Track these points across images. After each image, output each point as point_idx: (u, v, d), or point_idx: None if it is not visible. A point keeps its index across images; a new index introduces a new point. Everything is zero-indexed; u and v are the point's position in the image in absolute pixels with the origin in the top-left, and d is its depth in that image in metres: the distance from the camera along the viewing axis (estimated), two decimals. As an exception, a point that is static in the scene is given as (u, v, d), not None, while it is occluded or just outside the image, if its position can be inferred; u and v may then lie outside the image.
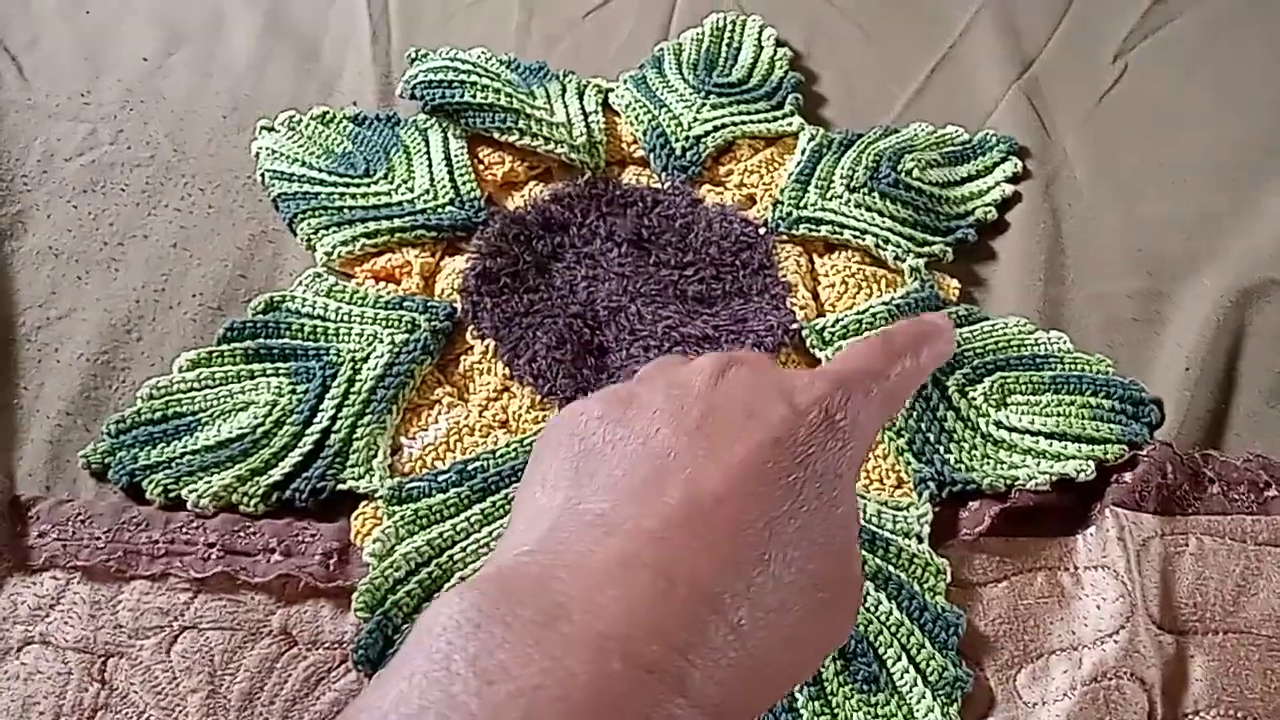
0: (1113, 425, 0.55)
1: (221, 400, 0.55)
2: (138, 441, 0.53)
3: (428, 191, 0.63)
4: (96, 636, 0.48)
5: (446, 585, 0.48)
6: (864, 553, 0.50)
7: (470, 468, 0.52)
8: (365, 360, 0.55)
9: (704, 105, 0.68)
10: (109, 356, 0.57)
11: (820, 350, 0.57)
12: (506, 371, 0.55)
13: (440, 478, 0.52)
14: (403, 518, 0.50)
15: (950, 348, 0.32)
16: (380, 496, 0.51)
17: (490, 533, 0.50)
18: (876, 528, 0.51)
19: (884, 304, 0.58)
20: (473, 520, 0.51)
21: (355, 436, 0.53)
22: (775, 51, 0.72)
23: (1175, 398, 0.56)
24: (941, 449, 0.54)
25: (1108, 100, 0.71)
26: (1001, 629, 0.50)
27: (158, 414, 0.54)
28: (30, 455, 0.53)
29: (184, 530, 0.50)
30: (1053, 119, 0.70)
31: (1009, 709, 0.48)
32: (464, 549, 0.49)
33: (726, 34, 0.74)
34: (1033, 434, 0.55)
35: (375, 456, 0.52)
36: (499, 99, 0.65)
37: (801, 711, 0.47)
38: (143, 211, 0.63)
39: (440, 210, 0.62)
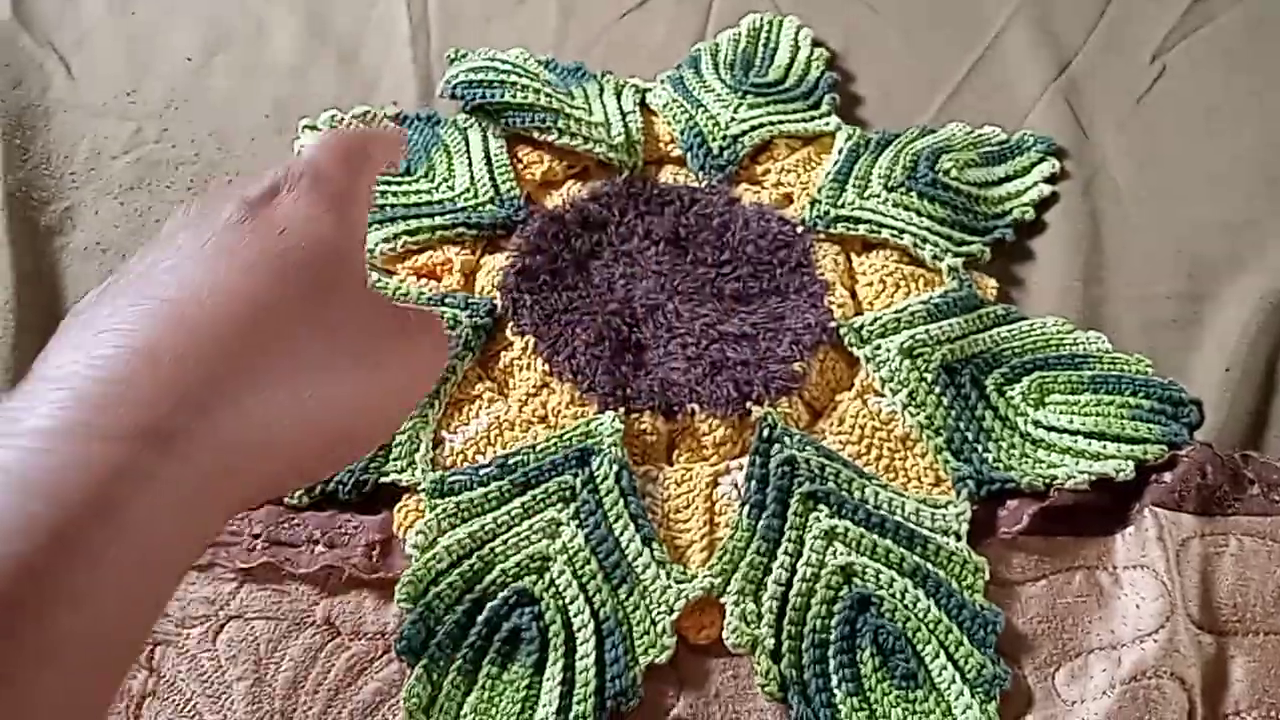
0: (1152, 425, 0.54)
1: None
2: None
3: (468, 190, 0.63)
4: (145, 624, 0.48)
5: (489, 578, 0.49)
6: (902, 549, 0.50)
7: (511, 462, 0.53)
8: (407, 355, 0.56)
9: (741, 105, 0.69)
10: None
11: (859, 348, 0.57)
12: (546, 368, 0.56)
13: (481, 471, 0.52)
14: (444, 510, 0.51)
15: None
16: (422, 489, 0.51)
17: (531, 526, 0.51)
18: (915, 525, 0.51)
19: (922, 303, 0.58)
20: (513, 514, 0.51)
21: (398, 430, 0.53)
22: (812, 51, 0.73)
23: (1215, 399, 0.56)
24: (980, 448, 0.54)
25: (1146, 101, 0.71)
26: (1040, 627, 0.50)
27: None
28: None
29: (230, 522, 0.51)
30: (1091, 120, 0.70)
31: (1047, 707, 0.48)
32: (505, 541, 0.50)
33: (763, 34, 0.74)
34: (1071, 433, 0.54)
35: (417, 450, 0.53)
36: (538, 99, 0.65)
37: (840, 707, 0.47)
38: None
39: (480, 208, 0.62)
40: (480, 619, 0.48)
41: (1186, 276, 0.62)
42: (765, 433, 0.53)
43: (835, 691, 0.47)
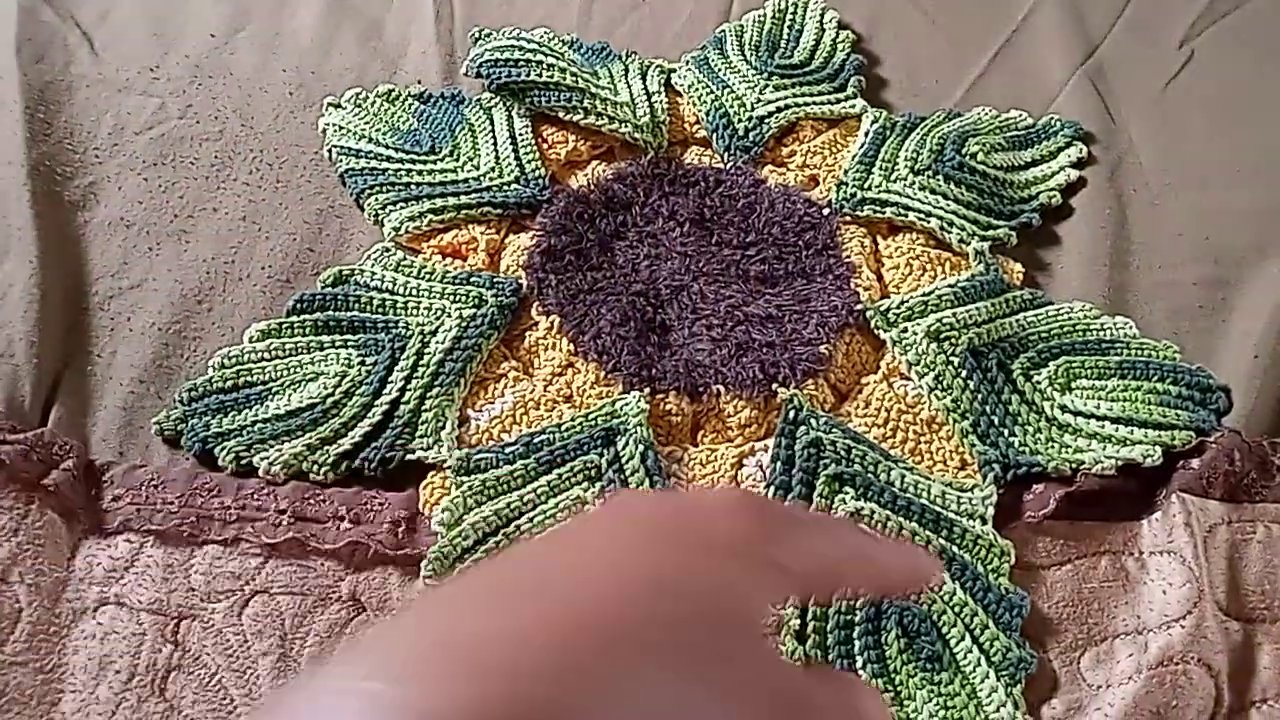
0: (1180, 411, 0.54)
1: (292, 370, 0.55)
2: (210, 409, 0.54)
3: (493, 169, 0.63)
4: (170, 599, 0.49)
5: None
6: (928, 533, 0.50)
7: (536, 440, 0.53)
8: (433, 334, 0.56)
9: (766, 86, 0.68)
10: (180, 326, 0.58)
11: (885, 331, 0.56)
12: (571, 347, 0.56)
13: (507, 449, 0.52)
14: (470, 488, 0.51)
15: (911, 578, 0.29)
16: (448, 467, 0.51)
17: (557, 504, 0.51)
18: (941, 509, 0.51)
19: (949, 286, 0.58)
20: (539, 492, 0.51)
21: (424, 408, 0.53)
22: (837, 34, 0.72)
23: (1243, 385, 0.56)
24: (1006, 432, 0.54)
25: (1174, 86, 0.70)
26: (1065, 611, 0.50)
27: (229, 383, 0.55)
28: (104, 421, 0.54)
29: (255, 497, 0.51)
30: (1118, 104, 0.69)
31: (1072, 691, 0.48)
32: (531, 520, 0.50)
33: (788, 16, 0.73)
34: (1099, 418, 0.54)
35: (443, 428, 0.53)
36: (563, 78, 0.65)
37: (865, 688, 0.47)
38: (211, 185, 0.64)
39: (505, 188, 0.62)
40: None
41: (1214, 262, 0.61)
42: (791, 414, 0.53)
43: (860, 673, 0.47)
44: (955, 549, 0.50)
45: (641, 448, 0.52)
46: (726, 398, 0.54)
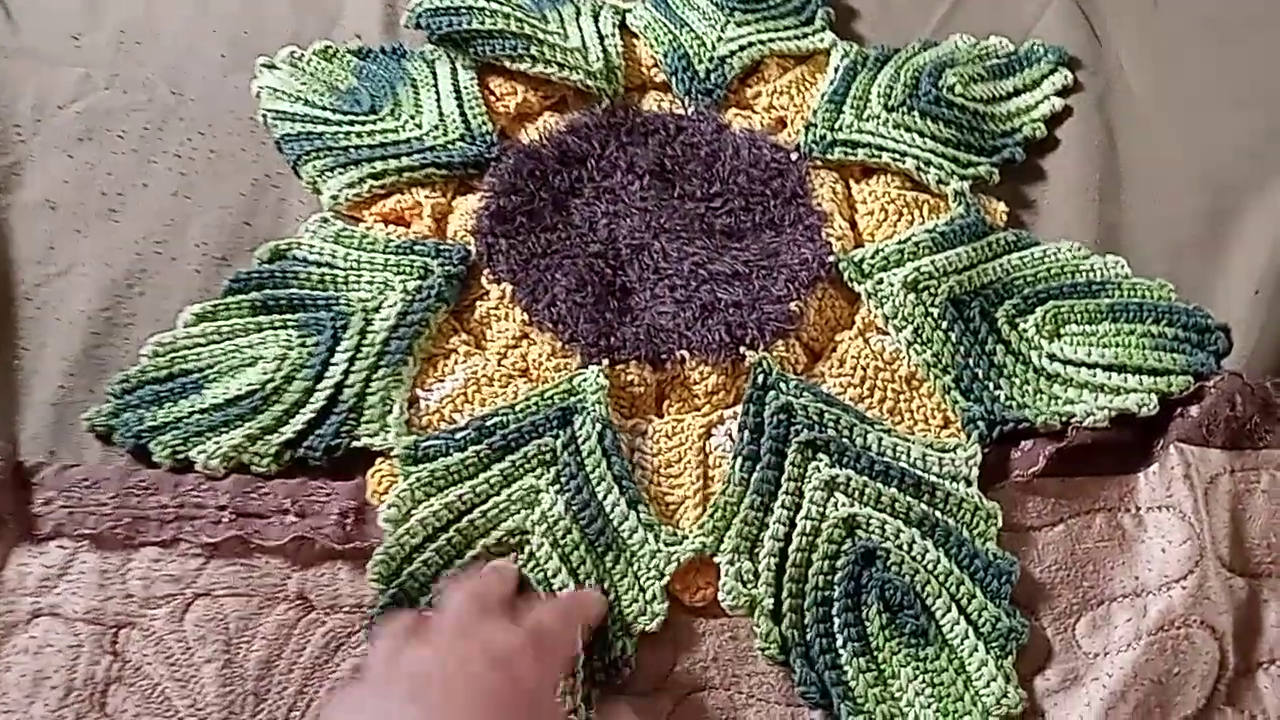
0: (1176, 355, 0.51)
1: (229, 355, 0.52)
2: (143, 401, 0.51)
3: (437, 127, 0.59)
4: (107, 607, 0.46)
5: (469, 552, 0.46)
6: (909, 498, 0.47)
7: (489, 424, 0.49)
8: (377, 310, 0.52)
9: (728, 23, 0.64)
10: (111, 313, 0.54)
11: (860, 284, 0.53)
12: (525, 317, 0.52)
13: (458, 435, 0.49)
14: (419, 479, 0.48)
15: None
16: (396, 456, 0.48)
17: (510, 495, 0.47)
18: (922, 471, 0.48)
19: (927, 232, 0.54)
20: (492, 481, 0.48)
21: (370, 391, 0.50)
22: (803, -37, 0.67)
23: (1243, 324, 0.52)
24: (991, 385, 0.51)
25: (1166, 5, 0.66)
26: (1058, 575, 0.47)
27: (163, 372, 0.52)
28: (33, 418, 0.51)
29: (194, 493, 0.48)
30: (1105, 27, 0.65)
31: (1068, 660, 0.45)
32: (484, 513, 0.47)
33: (750, -54, 0.69)
34: (1089, 366, 0.51)
35: (391, 411, 0.50)
36: (509, 25, 0.61)
37: (846, 668, 0.44)
38: (141, 159, 0.60)
39: (450, 147, 0.58)
40: None
41: (1211, 193, 0.58)
42: (759, 379, 0.50)
43: (840, 652, 0.45)
44: (939, 514, 0.47)
45: (599, 427, 0.49)
46: (691, 364, 0.51)
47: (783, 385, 0.50)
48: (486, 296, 0.53)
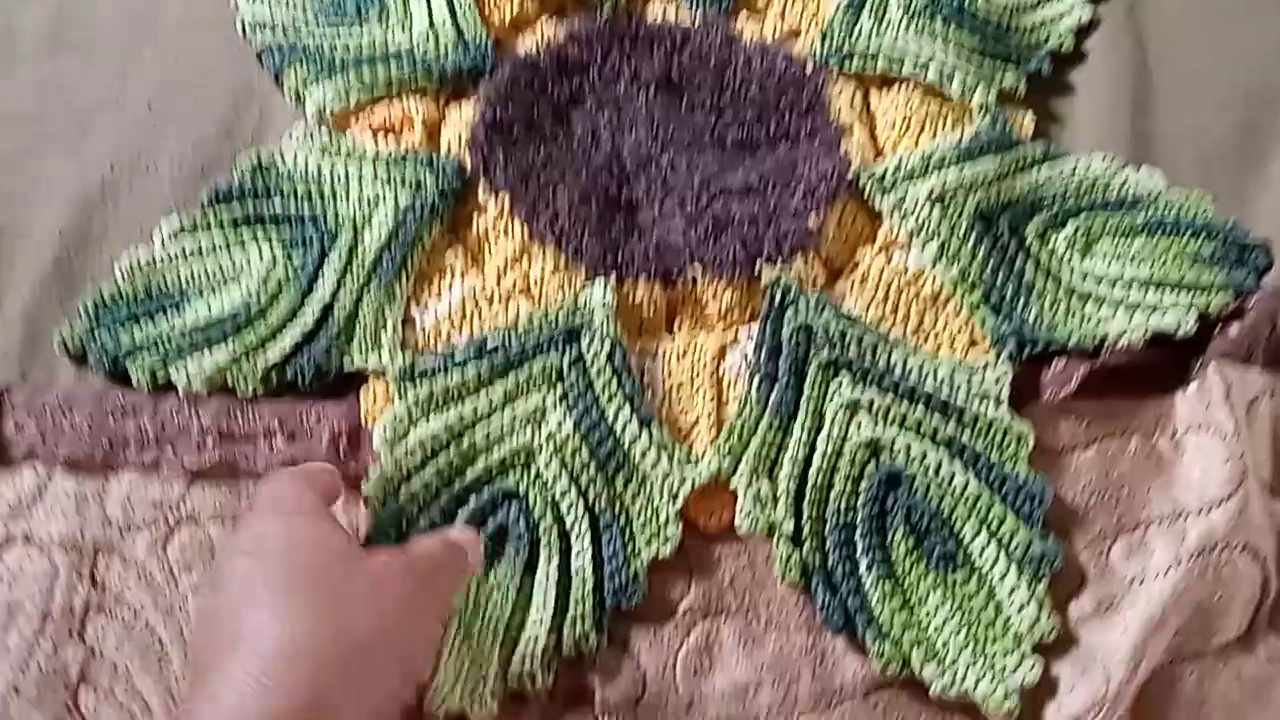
0: (1215, 271, 0.48)
1: (210, 273, 0.49)
2: (119, 321, 0.48)
3: (427, 35, 0.55)
4: (85, 533, 0.43)
5: (468, 474, 0.43)
6: (935, 420, 0.45)
7: (490, 344, 0.46)
8: (367, 224, 0.49)
9: (737, -72, 0.60)
10: (83, 229, 0.51)
11: (881, 198, 0.50)
12: (525, 232, 0.49)
13: (456, 354, 0.46)
14: (415, 399, 0.45)
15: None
16: (390, 376, 0.45)
17: (513, 413, 0.45)
18: (949, 392, 0.45)
19: (951, 144, 0.51)
20: (493, 400, 0.45)
21: (360, 308, 0.47)
22: None
23: (1284, 239, 0.50)
24: (1020, 303, 0.48)
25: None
26: (1092, 499, 0.45)
27: (140, 290, 0.49)
28: (2, 339, 0.48)
29: (175, 415, 0.45)
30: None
31: (1103, 585, 0.43)
32: (485, 433, 0.44)
33: None
34: (1124, 284, 0.48)
35: (384, 330, 0.47)
36: (504, -74, 0.57)
37: (869, 593, 0.42)
38: (114, 69, 0.56)
39: (443, 55, 0.54)
40: (461, 518, 0.43)
41: (1247, 105, 0.55)
42: (777, 297, 0.47)
43: (864, 576, 0.42)
44: (967, 436, 0.45)
45: (608, 345, 0.46)
46: (704, 281, 0.48)
47: (801, 303, 0.47)
48: (483, 211, 0.50)
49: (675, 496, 0.43)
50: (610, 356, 0.45)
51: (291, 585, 0.33)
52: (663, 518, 0.43)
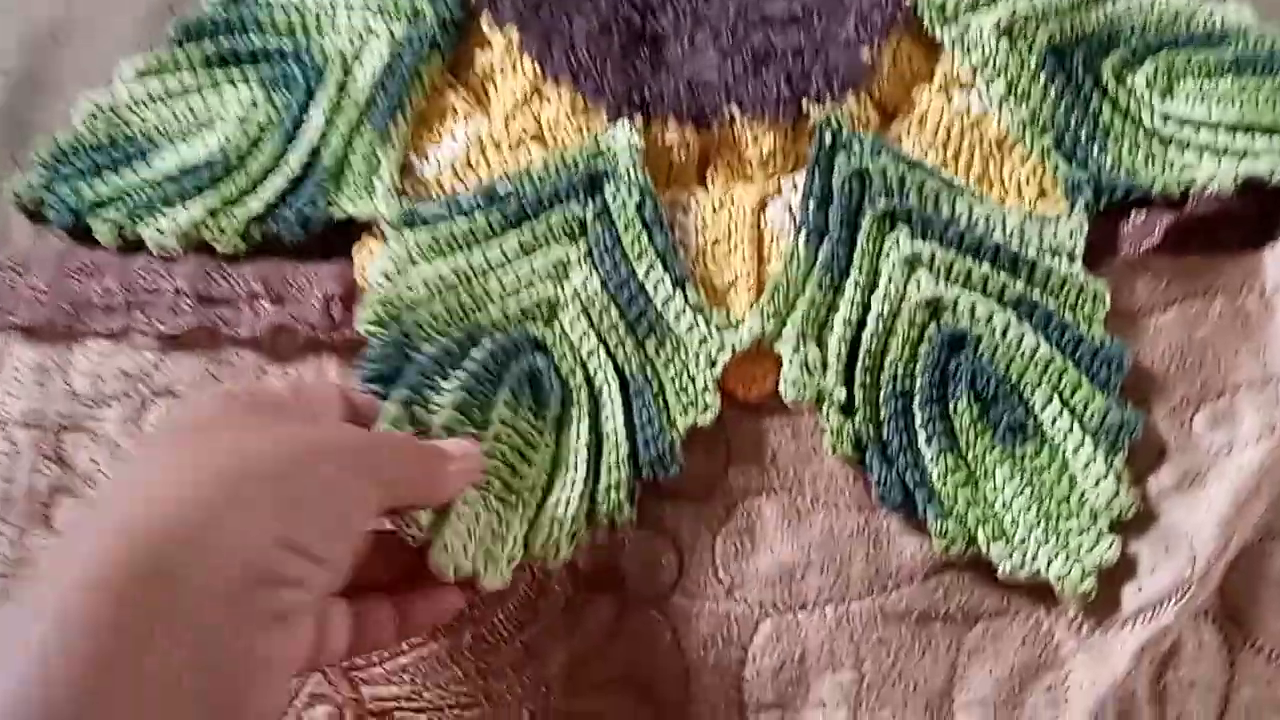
0: (1313, 112, 0.43)
1: (180, 117, 0.43)
2: (79, 172, 0.42)
3: None
4: (48, 409, 0.38)
5: (484, 313, 0.38)
6: (1003, 276, 0.40)
7: (501, 191, 0.41)
8: (358, 59, 0.43)
9: None
10: (35, 71, 0.45)
11: (942, 29, 0.44)
12: (537, 69, 0.43)
13: (462, 202, 0.41)
14: (419, 241, 0.40)
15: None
16: (388, 221, 0.40)
17: (531, 265, 0.40)
18: (1019, 246, 0.40)
19: (1019, -30, 0.45)
20: (508, 250, 0.40)
21: (352, 152, 0.42)
22: None
23: (1391, 76, 0.44)
24: (1096, 148, 0.43)
25: None
26: (1172, 364, 0.40)
27: (102, 138, 0.43)
28: (-52, 193, 0.42)
29: (145, 276, 0.40)
30: None
31: (1187, 457, 0.39)
32: (500, 279, 0.39)
33: None
34: (1210, 127, 0.43)
35: (378, 177, 0.41)
36: None
37: (930, 468, 0.38)
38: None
39: None
40: (481, 352, 0.37)
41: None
42: (827, 140, 0.41)
43: (923, 449, 0.38)
44: (1038, 294, 0.40)
45: (637, 195, 0.40)
46: (743, 123, 0.42)
47: (855, 146, 0.41)
48: (488, 46, 0.44)
49: (714, 361, 0.38)
50: (640, 208, 0.40)
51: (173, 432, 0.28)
52: (700, 385, 0.38)
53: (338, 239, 0.41)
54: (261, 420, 0.28)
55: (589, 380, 0.38)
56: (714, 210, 0.42)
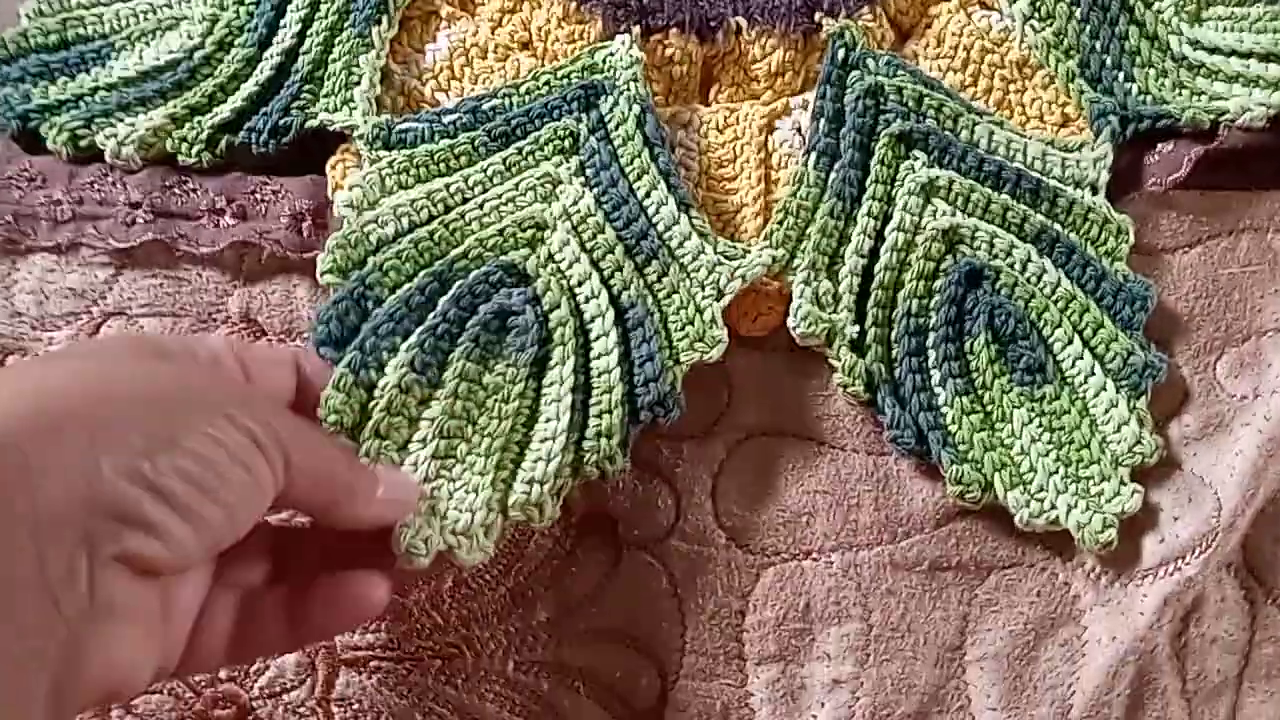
0: (1350, 43, 0.40)
1: (142, 15, 0.40)
2: (28, 74, 0.39)
3: None
4: (-10, 328, 0.35)
5: (458, 250, 0.35)
6: (1024, 207, 0.37)
7: (486, 106, 0.38)
8: (334, -45, 0.40)
9: None
10: (-25, -39, 0.41)
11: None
12: (527, -30, 0.40)
13: (445, 119, 0.38)
14: (393, 165, 0.36)
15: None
16: (361, 136, 0.37)
17: (518, 185, 0.36)
18: (1041, 174, 0.38)
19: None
20: (491, 173, 0.37)
21: (330, 57, 0.38)
22: None
23: None
24: (1122, 74, 0.40)
25: None
26: (1196, 305, 0.38)
27: (53, 37, 0.40)
28: (-123, 93, 0.39)
29: (96, 187, 0.37)
30: None
31: (1209, 403, 0.37)
32: (479, 206, 0.36)
33: None
34: (1241, 55, 0.40)
35: (358, 83, 0.38)
36: None
37: (944, 410, 0.35)
38: None
39: None
40: (445, 299, 0.34)
41: None
42: (840, 54, 0.39)
43: (938, 390, 0.35)
44: (1059, 227, 0.37)
45: (637, 108, 0.37)
46: (750, 35, 0.39)
47: (870, 62, 0.38)
48: (475, -55, 0.41)
49: (720, 292, 0.35)
50: (640, 122, 0.37)
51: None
52: (707, 317, 0.35)
53: (311, 150, 0.38)
54: (166, 362, 0.26)
55: (577, 312, 0.35)
56: (718, 129, 0.39)
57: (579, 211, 0.36)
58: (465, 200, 0.36)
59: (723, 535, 0.34)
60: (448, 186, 0.36)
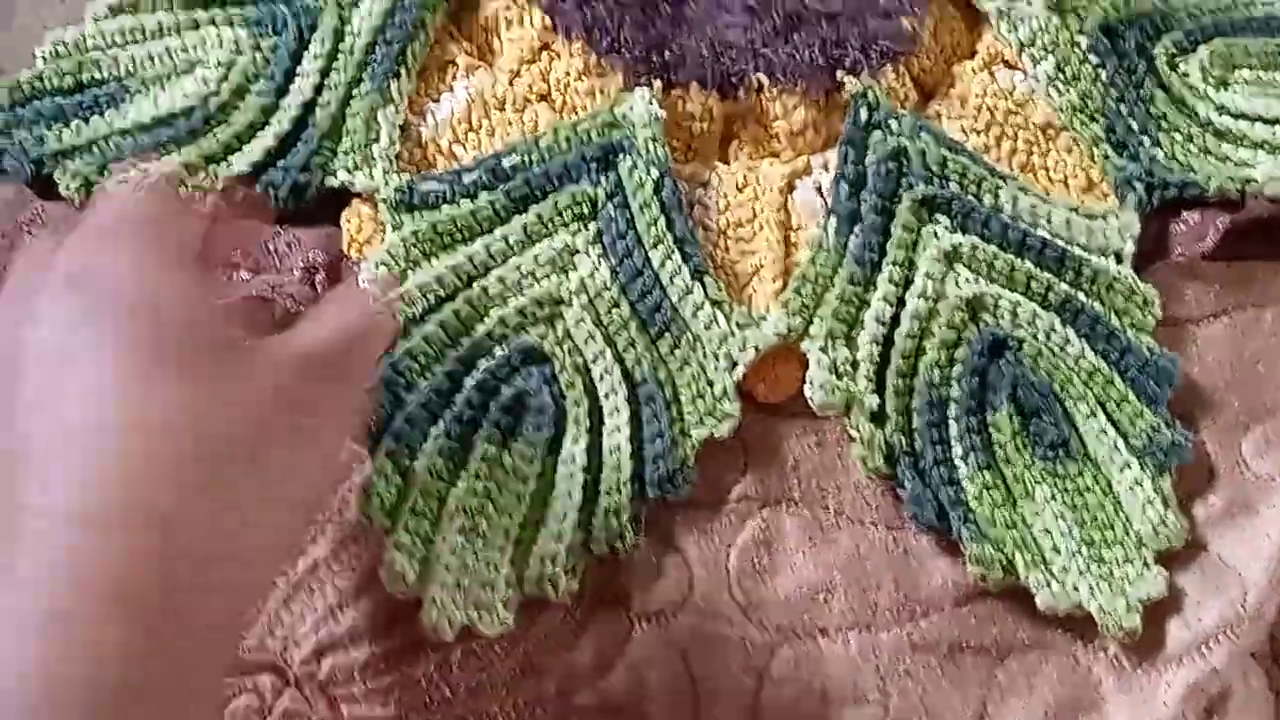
0: (1377, 112, 0.40)
1: (157, 60, 0.39)
2: (42, 117, 0.39)
3: None
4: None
5: (481, 328, 0.35)
6: (1048, 276, 0.37)
7: (506, 164, 0.38)
8: (355, 4, 0.39)
9: None
10: (-8, 3, 0.41)
11: (987, 0, 0.41)
12: (546, 21, 0.39)
13: (465, 178, 0.37)
14: (416, 232, 0.36)
15: None
16: (383, 200, 0.36)
17: (536, 256, 0.36)
18: (1066, 243, 0.37)
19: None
20: (512, 239, 0.36)
21: (350, 111, 0.38)
22: None
23: None
24: (1148, 139, 0.39)
25: None
26: (1220, 380, 0.37)
27: (69, 81, 0.39)
28: (-111, 135, 0.38)
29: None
30: None
31: (1235, 483, 0.36)
32: (501, 279, 0.36)
33: None
34: (1267, 121, 0.40)
35: (377, 140, 0.38)
36: None
37: (966, 484, 0.35)
38: None
39: None
40: (470, 387, 0.34)
41: None
42: (862, 115, 0.38)
43: (960, 464, 0.35)
44: (1083, 297, 0.37)
45: (655, 173, 0.37)
46: (772, 93, 0.39)
47: (893, 124, 0.38)
48: (493, -5, 0.41)
49: (734, 363, 0.35)
50: (658, 188, 0.36)
51: (134, 353, 0.22)
52: (718, 390, 0.35)
53: (324, 197, 0.38)
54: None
55: (591, 390, 0.35)
56: (738, 189, 0.38)
57: (595, 286, 0.35)
58: (487, 270, 0.36)
59: (736, 611, 0.34)
60: (470, 258, 0.36)
